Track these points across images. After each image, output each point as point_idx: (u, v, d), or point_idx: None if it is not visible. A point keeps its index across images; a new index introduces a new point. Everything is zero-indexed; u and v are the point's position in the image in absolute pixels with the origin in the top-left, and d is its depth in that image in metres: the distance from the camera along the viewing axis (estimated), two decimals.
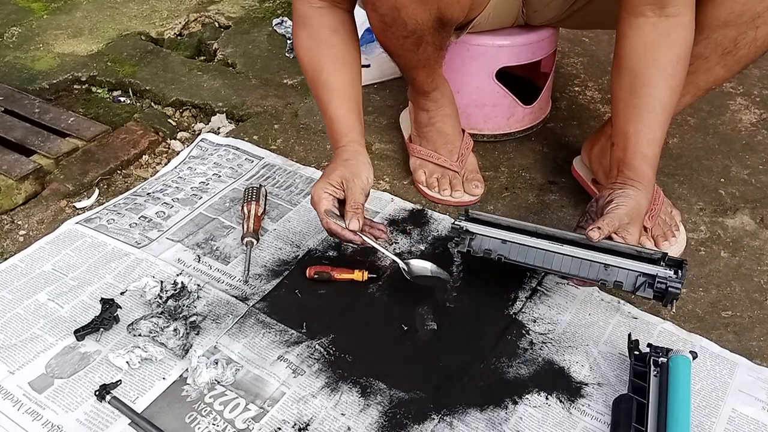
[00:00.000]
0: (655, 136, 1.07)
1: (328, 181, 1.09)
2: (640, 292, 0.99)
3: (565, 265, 1.02)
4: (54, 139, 1.54)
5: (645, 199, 1.05)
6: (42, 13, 2.11)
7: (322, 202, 1.09)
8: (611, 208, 1.03)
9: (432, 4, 1.07)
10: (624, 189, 1.05)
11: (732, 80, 1.69)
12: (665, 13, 1.03)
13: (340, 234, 1.08)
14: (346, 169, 1.09)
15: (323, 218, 1.09)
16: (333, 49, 1.15)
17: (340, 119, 1.14)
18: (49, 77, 1.78)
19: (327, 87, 1.15)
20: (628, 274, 1.00)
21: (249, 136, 1.56)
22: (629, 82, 1.07)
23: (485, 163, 1.47)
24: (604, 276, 1.00)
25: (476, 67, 1.44)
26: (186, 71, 1.82)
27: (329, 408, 0.98)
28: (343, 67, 1.16)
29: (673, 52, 1.05)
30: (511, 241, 1.05)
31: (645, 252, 1.01)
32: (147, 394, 0.99)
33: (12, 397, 0.98)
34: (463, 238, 1.07)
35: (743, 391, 1.01)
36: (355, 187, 1.08)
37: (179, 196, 1.37)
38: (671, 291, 0.97)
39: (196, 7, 2.16)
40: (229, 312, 1.12)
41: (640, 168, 1.06)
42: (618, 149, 1.09)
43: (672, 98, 1.07)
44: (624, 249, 1.01)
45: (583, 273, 1.01)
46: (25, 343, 1.06)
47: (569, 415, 0.98)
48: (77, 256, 1.22)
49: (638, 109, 1.06)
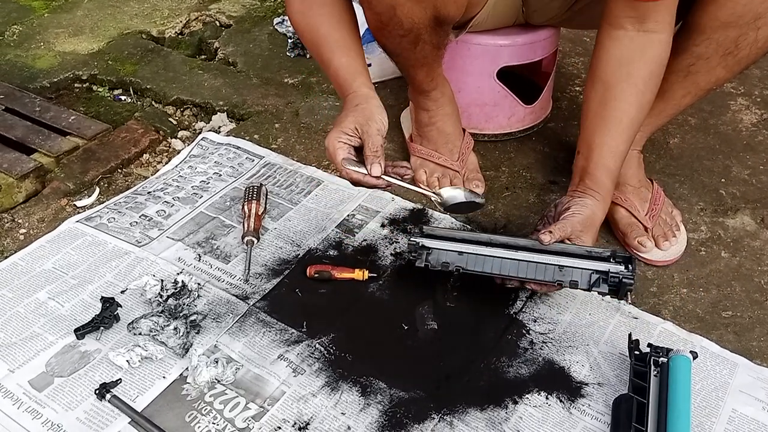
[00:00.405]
0: (618, 149, 1.10)
1: (341, 129, 1.03)
2: (595, 288, 1.03)
3: (521, 270, 1.06)
4: (55, 138, 1.54)
5: (601, 210, 1.10)
6: (43, 11, 2.11)
7: (338, 152, 1.02)
8: (567, 215, 1.07)
9: (428, 2, 1.07)
10: (582, 198, 1.09)
11: (733, 80, 1.69)
12: (644, 28, 1.04)
13: (363, 181, 1.03)
14: (359, 114, 1.04)
15: (342, 169, 1.03)
16: (327, 8, 1.13)
17: (345, 67, 1.10)
18: (50, 76, 1.78)
19: (326, 41, 1.12)
20: (582, 272, 1.04)
21: (250, 135, 1.56)
22: (601, 93, 1.10)
23: (486, 163, 1.47)
24: (560, 277, 1.04)
25: (477, 67, 1.44)
26: (187, 70, 1.82)
27: (329, 407, 0.98)
28: (340, 22, 1.13)
29: (647, 68, 1.07)
30: (468, 252, 1.08)
31: (594, 251, 1.05)
32: (147, 393, 0.99)
33: (12, 396, 0.98)
34: (420, 253, 1.08)
35: (743, 391, 1.01)
36: (371, 130, 1.02)
37: (180, 194, 1.37)
38: (625, 283, 1.02)
39: (197, 5, 2.16)
40: (230, 311, 1.12)
41: (600, 179, 1.10)
42: (582, 158, 1.13)
43: (640, 114, 1.09)
44: (575, 250, 1.05)
45: (540, 276, 1.05)
46: (26, 341, 1.06)
47: (569, 414, 0.98)
48: (78, 254, 1.22)
49: (605, 121, 1.09)
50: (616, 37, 1.07)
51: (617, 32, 1.07)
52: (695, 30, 1.09)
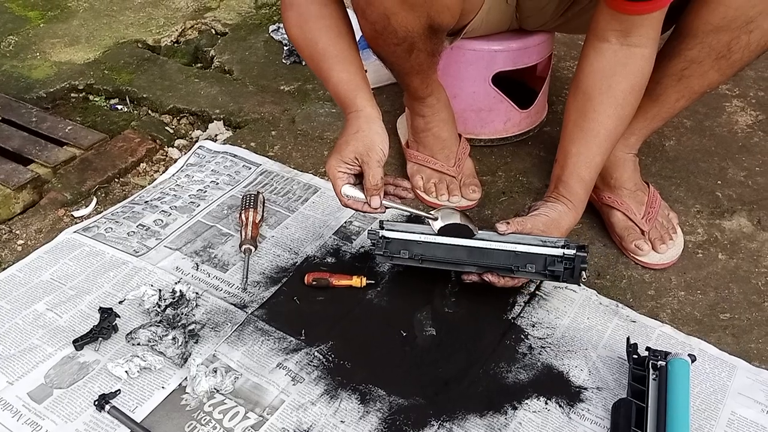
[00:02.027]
0: (594, 160, 1.12)
1: (341, 158, 1.05)
2: (550, 268, 1.05)
3: (478, 256, 1.09)
4: (51, 148, 1.54)
5: (571, 217, 1.12)
6: (39, 21, 2.11)
7: (338, 182, 1.06)
8: (532, 213, 1.11)
9: (422, 11, 1.07)
10: (554, 203, 1.12)
11: (727, 82, 1.70)
12: (628, 42, 1.05)
13: (362, 210, 1.09)
14: (359, 143, 1.05)
15: (341, 199, 1.07)
16: (325, 21, 1.12)
17: (345, 82, 1.10)
18: (46, 86, 1.78)
19: (325, 56, 1.12)
20: (537, 257, 1.07)
21: (246, 143, 1.56)
22: (581, 104, 1.11)
23: (482, 168, 1.48)
24: (516, 261, 1.07)
25: (472, 72, 1.45)
26: (183, 78, 1.82)
27: (329, 415, 0.98)
28: (339, 36, 1.12)
29: (628, 81, 1.08)
30: (426, 242, 1.11)
31: (549, 240, 1.08)
32: (146, 404, 0.99)
33: (11, 408, 0.98)
34: (379, 243, 1.11)
35: (742, 393, 1.01)
36: (371, 161, 1.03)
37: (177, 203, 1.37)
38: (579, 257, 1.05)
39: (192, 14, 2.17)
40: (228, 320, 1.12)
41: (574, 188, 1.12)
42: (558, 166, 1.15)
43: (618, 127, 1.11)
44: (529, 240, 1.08)
45: (497, 262, 1.08)
46: (24, 353, 1.06)
47: (569, 419, 0.98)
48: (75, 265, 1.22)
49: (583, 132, 1.11)
50: (599, 50, 1.08)
51: (601, 44, 1.08)
52: (688, 34, 1.10)
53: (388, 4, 1.05)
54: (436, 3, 1.07)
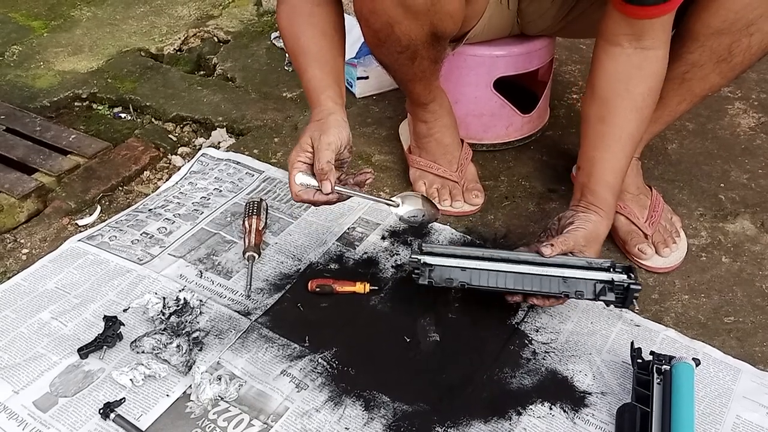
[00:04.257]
0: (619, 165, 1.11)
1: (299, 146, 1.04)
2: (602, 297, 1.03)
3: (526, 283, 1.06)
4: (55, 157, 1.55)
5: (604, 226, 1.11)
6: (42, 31, 2.12)
7: (292, 171, 1.03)
8: (570, 229, 1.08)
9: (425, 19, 1.08)
10: (586, 213, 1.10)
11: (729, 85, 1.70)
12: (641, 45, 1.05)
13: (314, 201, 1.05)
14: (315, 128, 1.04)
15: (293, 190, 1.04)
16: (313, 19, 1.13)
17: (317, 79, 1.10)
18: (49, 95, 1.79)
19: (305, 52, 1.12)
20: (587, 283, 1.04)
21: (249, 150, 1.57)
22: (600, 109, 1.11)
23: (485, 173, 1.48)
24: (565, 288, 1.04)
25: (474, 78, 1.45)
26: (186, 86, 1.83)
27: (333, 422, 0.98)
28: (322, 34, 1.12)
29: (645, 84, 1.07)
30: (471, 268, 1.07)
31: (595, 262, 1.06)
32: (151, 412, 0.99)
33: (17, 417, 0.99)
34: (422, 271, 1.07)
35: (747, 397, 1.01)
36: (321, 146, 1.01)
37: (180, 211, 1.37)
38: (633, 289, 1.02)
39: (194, 22, 2.18)
40: (232, 327, 1.12)
41: (602, 195, 1.11)
42: (583, 174, 1.14)
43: (639, 129, 1.10)
44: (575, 262, 1.06)
45: (545, 288, 1.05)
46: (29, 362, 1.06)
47: (573, 424, 0.98)
48: (80, 273, 1.23)
49: (605, 138, 1.10)
50: (612, 54, 1.08)
51: (614, 49, 1.07)
52: (688, 37, 1.10)
53: (391, 12, 1.06)
54: (439, 11, 1.07)
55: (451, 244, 1.27)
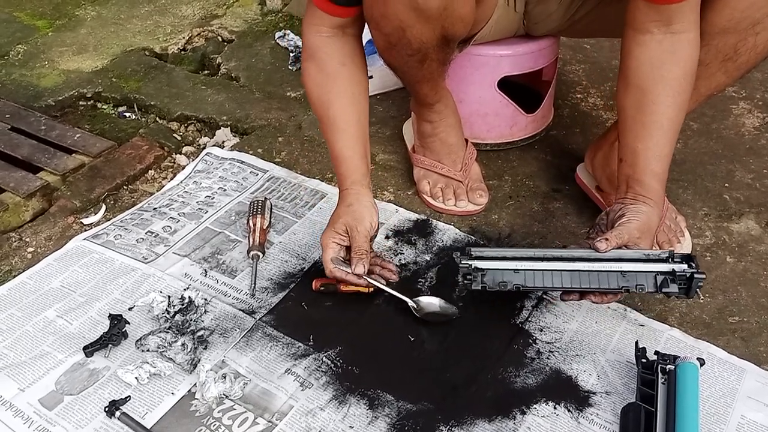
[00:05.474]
0: (663, 152, 1.07)
1: (333, 229, 1.13)
2: (664, 289, 1.00)
3: (583, 281, 1.02)
4: (60, 156, 1.55)
5: (656, 215, 1.07)
6: (47, 30, 2.13)
7: (327, 251, 1.12)
8: (622, 221, 1.04)
9: (437, 23, 1.08)
10: (636, 204, 1.06)
11: (734, 84, 1.69)
12: (671, 30, 1.03)
13: (345, 280, 1.12)
14: (350, 216, 1.12)
15: (327, 267, 1.12)
16: (341, 83, 1.16)
17: (346, 161, 1.16)
18: (54, 94, 1.80)
19: (334, 125, 1.16)
20: (647, 275, 1.01)
21: (253, 149, 1.57)
22: (636, 98, 1.08)
23: (489, 172, 1.48)
24: (624, 283, 1.01)
25: (478, 77, 1.45)
26: (190, 86, 1.83)
27: (337, 421, 0.98)
28: (351, 103, 1.16)
29: (680, 68, 1.04)
30: (524, 269, 1.04)
31: (652, 254, 1.02)
32: (156, 410, 1.00)
33: (23, 415, 0.99)
34: (474, 276, 1.04)
35: (752, 397, 1.01)
36: (359, 234, 1.11)
37: (185, 210, 1.38)
38: (697, 279, 0.99)
39: (199, 21, 2.18)
40: (237, 326, 1.13)
41: (650, 184, 1.07)
42: (627, 165, 1.09)
43: (679, 114, 1.07)
44: (631, 255, 1.02)
45: (604, 284, 1.01)
46: (35, 360, 1.07)
47: (578, 424, 0.98)
48: (85, 272, 1.23)
49: (646, 126, 1.07)
50: (643, 42, 1.05)
51: (643, 37, 1.05)
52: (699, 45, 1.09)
53: (403, 17, 1.06)
54: (450, 15, 1.07)
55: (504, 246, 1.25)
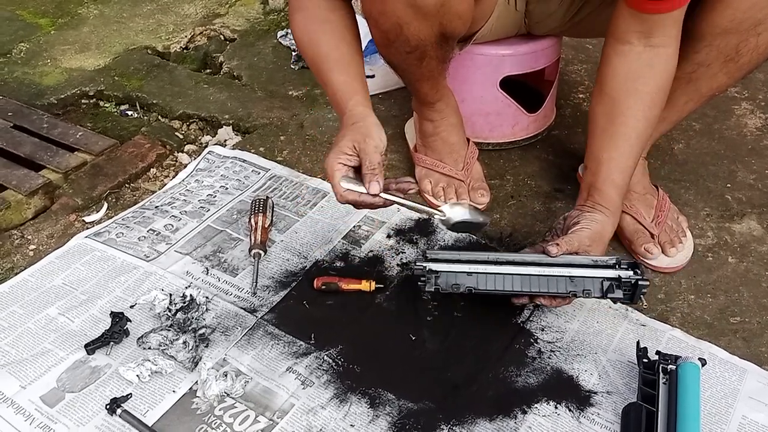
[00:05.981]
0: (627, 164, 1.10)
1: (339, 149, 1.01)
2: (610, 295, 1.04)
3: (533, 285, 1.05)
4: (63, 154, 1.55)
5: (611, 225, 1.10)
6: (49, 28, 2.13)
7: (335, 174, 1.00)
8: (575, 229, 1.08)
9: (434, 20, 1.08)
10: (592, 213, 1.10)
11: (736, 85, 1.69)
12: (651, 42, 1.05)
13: (360, 201, 1.01)
14: (356, 132, 1.02)
15: (338, 191, 1.01)
16: (330, 25, 1.12)
17: (342, 85, 1.09)
18: (57, 92, 1.80)
19: (327, 59, 1.11)
20: (594, 281, 1.05)
21: (255, 148, 1.57)
22: (608, 108, 1.10)
23: (491, 172, 1.48)
24: (573, 288, 1.04)
25: (480, 77, 1.45)
26: (192, 84, 1.83)
27: (338, 419, 0.98)
28: (341, 40, 1.12)
29: (655, 82, 1.07)
30: (477, 272, 1.07)
31: (600, 260, 1.06)
32: (157, 407, 1.00)
33: (24, 412, 0.99)
34: (428, 278, 1.06)
35: (753, 397, 1.01)
36: (368, 147, 1.00)
37: (187, 208, 1.38)
38: (641, 285, 1.03)
39: (201, 20, 2.18)
40: (238, 324, 1.13)
41: (609, 194, 1.10)
42: (590, 173, 1.13)
43: (648, 129, 1.10)
44: (581, 261, 1.06)
45: (552, 288, 1.05)
46: (37, 357, 1.07)
47: (579, 423, 0.98)
48: (87, 270, 1.23)
49: (614, 137, 1.10)
50: (622, 52, 1.07)
51: (623, 47, 1.07)
52: (695, 37, 1.09)
53: (401, 13, 1.06)
54: (448, 12, 1.07)
55: (456, 249, 1.27)
